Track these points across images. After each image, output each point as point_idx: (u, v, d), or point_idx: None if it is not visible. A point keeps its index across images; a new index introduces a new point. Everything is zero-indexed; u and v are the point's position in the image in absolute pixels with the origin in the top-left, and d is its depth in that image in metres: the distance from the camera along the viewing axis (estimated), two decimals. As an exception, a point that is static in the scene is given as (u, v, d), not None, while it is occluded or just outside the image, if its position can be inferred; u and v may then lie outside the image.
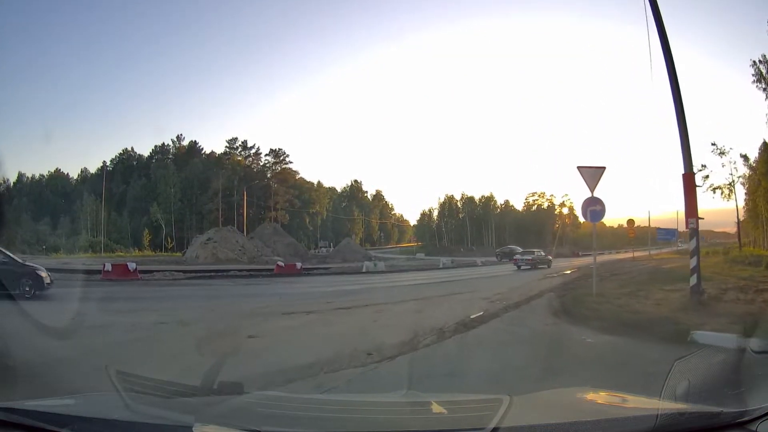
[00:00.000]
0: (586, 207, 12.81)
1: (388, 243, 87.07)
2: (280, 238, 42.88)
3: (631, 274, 19.72)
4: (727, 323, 7.11)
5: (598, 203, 12.85)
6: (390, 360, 5.98)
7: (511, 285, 17.52)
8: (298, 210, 72.42)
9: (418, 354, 6.41)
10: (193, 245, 37.85)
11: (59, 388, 4.32)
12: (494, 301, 12.35)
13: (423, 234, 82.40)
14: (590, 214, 12.79)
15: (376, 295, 14.62)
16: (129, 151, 72.57)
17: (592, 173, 12.98)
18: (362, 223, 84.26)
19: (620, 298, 11.92)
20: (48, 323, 7.86)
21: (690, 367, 3.24)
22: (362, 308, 11.07)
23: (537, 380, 4.67)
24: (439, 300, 12.88)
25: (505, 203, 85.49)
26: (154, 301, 12.22)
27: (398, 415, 2.37)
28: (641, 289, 13.43)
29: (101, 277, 18.44)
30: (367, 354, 6.12)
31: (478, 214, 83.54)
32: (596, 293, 12.42)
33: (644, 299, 11.43)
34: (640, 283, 15.67)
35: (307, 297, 14.05)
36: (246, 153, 72.49)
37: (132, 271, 18.28)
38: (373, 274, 25.51)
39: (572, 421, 1.87)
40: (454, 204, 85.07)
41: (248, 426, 1.82)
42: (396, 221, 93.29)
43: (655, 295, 11.86)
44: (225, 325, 9.14)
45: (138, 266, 24.83)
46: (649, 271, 20.99)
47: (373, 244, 79.56)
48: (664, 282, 14.05)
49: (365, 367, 5.63)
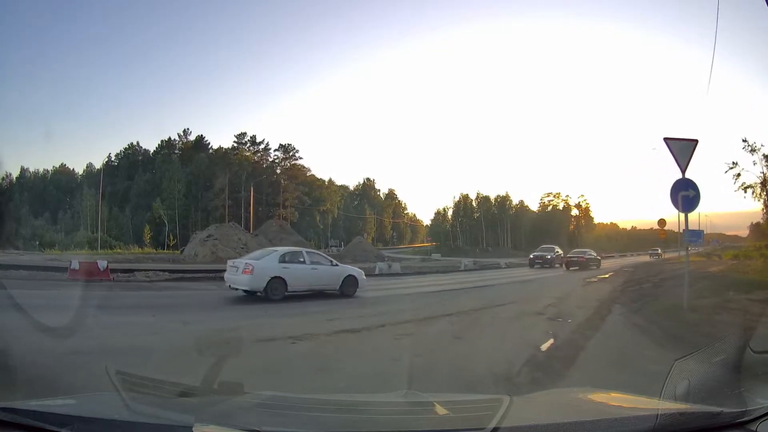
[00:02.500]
0: (677, 192, 9.57)
1: (401, 243, 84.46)
2: (287, 236, 39.94)
3: (677, 279, 16.52)
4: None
5: (691, 187, 9.62)
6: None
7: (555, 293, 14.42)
8: (309, 208, 69.82)
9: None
10: (192, 242, 35.00)
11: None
12: (553, 318, 9.16)
13: (437, 234, 79.69)
14: (682, 202, 9.54)
15: (395, 307, 11.32)
16: (134, 146, 70.80)
17: (682, 148, 9.80)
18: (374, 222, 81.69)
19: (719, 312, 8.90)
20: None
21: (690, 367, 3.26)
22: (376, 331, 7.69)
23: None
24: (480, 316, 9.63)
25: (520, 203, 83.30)
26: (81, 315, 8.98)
27: (398, 415, 2.32)
28: (728, 300, 10.28)
29: (67, 277, 15.65)
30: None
31: (493, 214, 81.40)
32: (688, 306, 9.29)
33: (756, 315, 8.30)
34: (713, 290, 12.47)
35: (303, 310, 10.41)
36: (255, 148, 70.17)
37: (102, 271, 15.39)
38: (388, 277, 21.96)
39: (572, 421, 1.84)
40: (469, 203, 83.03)
41: (248, 426, 1.77)
42: (409, 221, 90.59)
43: (753, 309, 8.76)
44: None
45: (117, 264, 22.32)
46: (701, 275, 17.61)
47: (385, 244, 77.00)
48: (738, 290, 11.45)
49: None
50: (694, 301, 10.29)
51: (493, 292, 15.64)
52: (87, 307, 8.82)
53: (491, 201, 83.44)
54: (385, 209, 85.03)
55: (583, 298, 12.85)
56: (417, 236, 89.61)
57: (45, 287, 12.69)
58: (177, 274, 18.76)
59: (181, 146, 69.12)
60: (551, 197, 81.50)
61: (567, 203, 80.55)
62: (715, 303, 10.03)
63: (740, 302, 9.78)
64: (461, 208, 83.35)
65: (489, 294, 14.63)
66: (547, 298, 12.70)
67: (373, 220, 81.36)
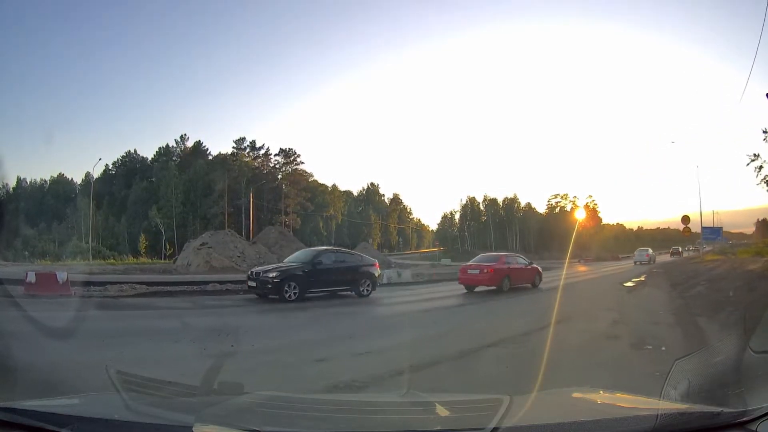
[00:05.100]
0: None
1: (408, 248, 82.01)
2: (287, 243, 37.34)
3: (730, 280, 14.48)
4: None
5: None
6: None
7: (603, 302, 12.10)
8: (311, 214, 67.59)
9: None
10: (185, 251, 32.59)
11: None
12: (638, 345, 6.49)
13: (444, 238, 77.32)
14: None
15: (413, 335, 7.86)
16: (132, 154, 68.97)
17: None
18: (380, 227, 79.33)
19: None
20: None
21: (690, 367, 3.23)
22: (388, 381, 4.88)
23: None
24: (536, 346, 6.72)
25: (527, 205, 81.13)
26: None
27: (398, 415, 2.32)
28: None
29: (23, 291, 13.30)
30: None
31: (500, 217, 79.29)
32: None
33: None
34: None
35: (287, 339, 7.62)
36: (254, 154, 68.12)
37: (60, 284, 13.01)
38: (398, 287, 19.40)
39: (572, 421, 1.81)
40: (476, 206, 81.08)
41: (248, 426, 1.77)
42: (415, 226, 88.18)
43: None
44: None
45: (99, 276, 20.34)
46: (738, 276, 15.39)
47: (391, 250, 74.69)
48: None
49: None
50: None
51: (528, 304, 13.11)
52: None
53: (499, 203, 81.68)
54: (390, 214, 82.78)
55: (645, 310, 10.40)
56: (423, 241, 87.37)
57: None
58: (156, 287, 16.39)
59: (179, 153, 67.24)
60: (558, 198, 79.82)
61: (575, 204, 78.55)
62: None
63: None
64: (468, 211, 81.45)
65: (525, 307, 12.14)
66: (599, 310, 10.30)
67: (378, 226, 79.11)
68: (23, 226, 52.60)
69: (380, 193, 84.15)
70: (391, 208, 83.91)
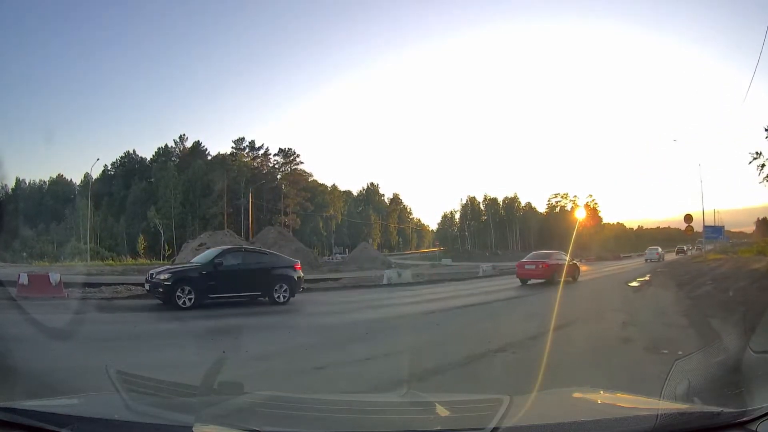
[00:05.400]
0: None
1: (408, 248, 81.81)
2: (287, 243, 37.14)
3: (737, 279, 14.09)
4: None
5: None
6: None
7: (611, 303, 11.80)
8: (311, 214, 67.33)
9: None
10: (183, 251, 32.45)
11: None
12: (652, 349, 6.06)
13: (444, 238, 77.10)
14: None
15: (415, 341, 7.29)
16: (131, 155, 68.72)
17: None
18: (380, 227, 79.13)
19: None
20: None
21: (690, 367, 3.19)
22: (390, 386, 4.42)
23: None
24: (544, 350, 6.28)
25: (528, 205, 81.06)
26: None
27: (398, 415, 2.31)
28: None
29: (17, 293, 13.02)
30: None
31: (501, 216, 79.14)
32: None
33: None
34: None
35: (275, 346, 7.03)
36: (254, 154, 67.89)
37: (54, 286, 12.73)
38: (398, 288, 18.98)
39: (572, 421, 1.82)
40: (476, 206, 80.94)
41: (248, 426, 1.77)
42: (415, 226, 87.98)
43: None
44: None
45: (96, 277, 20.09)
46: (744, 275, 14.93)
47: (391, 250, 74.50)
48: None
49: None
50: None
51: (534, 304, 12.81)
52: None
53: (499, 203, 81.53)
54: (390, 214, 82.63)
55: (656, 312, 10.08)
56: (423, 241, 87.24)
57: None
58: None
59: (178, 153, 66.98)
60: (559, 198, 79.67)
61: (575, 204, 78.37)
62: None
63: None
64: (468, 211, 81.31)
65: (531, 308, 11.82)
66: (609, 311, 9.99)
67: (378, 226, 78.93)
68: (22, 227, 52.32)
69: (380, 193, 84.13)
70: (391, 208, 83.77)
